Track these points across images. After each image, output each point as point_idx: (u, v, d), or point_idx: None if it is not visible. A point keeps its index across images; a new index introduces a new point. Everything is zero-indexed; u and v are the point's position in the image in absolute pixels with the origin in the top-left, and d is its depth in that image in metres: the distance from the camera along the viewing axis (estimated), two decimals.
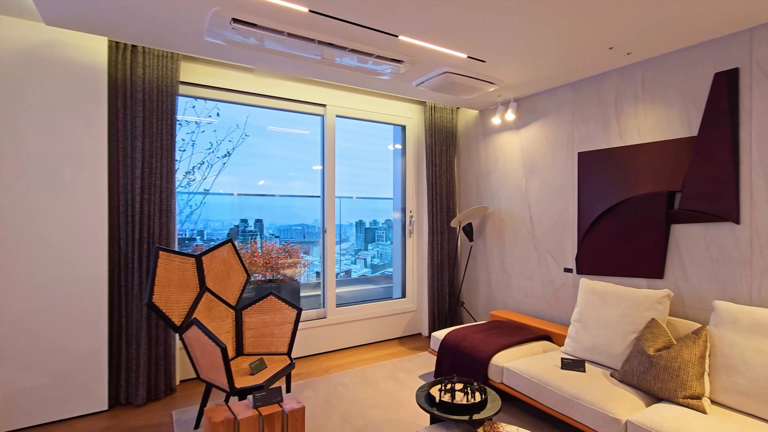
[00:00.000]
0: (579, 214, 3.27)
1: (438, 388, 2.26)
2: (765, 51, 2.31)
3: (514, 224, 3.87)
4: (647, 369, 2.19)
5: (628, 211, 2.93)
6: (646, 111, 2.85)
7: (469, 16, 2.28)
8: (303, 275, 4.66)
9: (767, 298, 2.29)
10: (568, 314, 3.39)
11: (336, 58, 2.78)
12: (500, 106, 3.86)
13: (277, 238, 4.63)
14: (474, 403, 2.05)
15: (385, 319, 4.27)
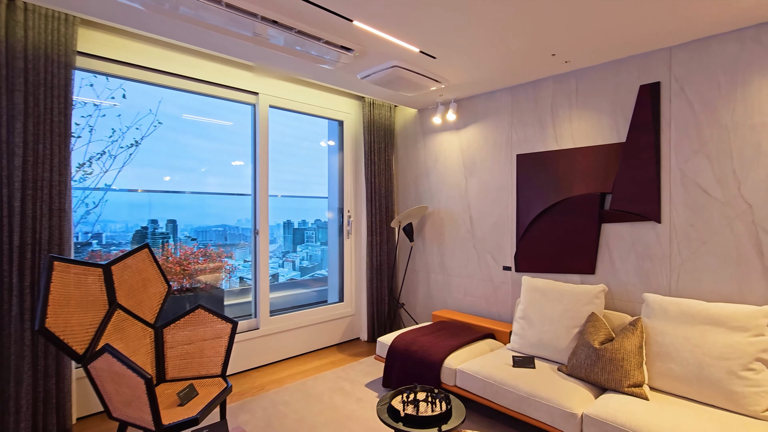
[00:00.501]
0: (518, 214, 3.39)
1: (400, 399, 2.12)
2: (681, 68, 2.58)
3: (453, 224, 3.90)
4: (594, 362, 2.30)
5: (564, 211, 3.09)
6: (580, 117, 3.04)
7: (430, 10, 2.17)
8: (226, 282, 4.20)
9: (684, 289, 2.57)
10: (507, 311, 3.49)
11: (278, 40, 2.48)
12: (440, 106, 3.86)
13: (194, 240, 4.10)
14: (440, 413, 1.95)
15: (322, 325, 4.02)
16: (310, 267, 5.60)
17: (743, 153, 2.36)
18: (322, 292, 4.72)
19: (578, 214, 3.01)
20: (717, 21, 2.29)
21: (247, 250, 4.59)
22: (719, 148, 2.44)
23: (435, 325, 3.36)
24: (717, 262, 2.44)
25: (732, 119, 2.39)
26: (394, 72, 2.99)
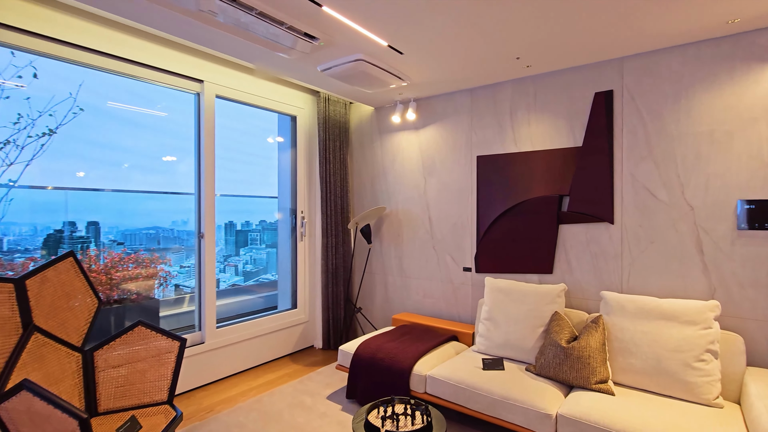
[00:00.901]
0: (478, 215, 3.41)
1: (376, 414, 1.99)
2: (632, 78, 2.74)
3: (412, 225, 3.84)
4: (563, 360, 2.34)
5: (523, 212, 3.16)
6: (538, 121, 3.12)
7: (405, 3, 2.06)
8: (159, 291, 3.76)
9: (634, 286, 2.73)
10: (467, 312, 3.50)
11: (232, 19, 2.22)
12: (399, 104, 3.78)
13: (121, 245, 3.62)
14: (422, 427, 1.84)
15: (274, 335, 3.74)
16: (254, 271, 5.24)
17: (686, 159, 2.56)
18: (269, 298, 4.42)
19: (537, 216, 3.09)
20: (663, 36, 2.46)
21: (183, 255, 4.16)
22: (665, 155, 2.62)
23: (398, 329, 3.26)
24: (663, 260, 2.63)
25: (677, 128, 2.59)
26: (358, 66, 2.84)
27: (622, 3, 2.10)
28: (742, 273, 2.40)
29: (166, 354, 2.16)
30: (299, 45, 2.52)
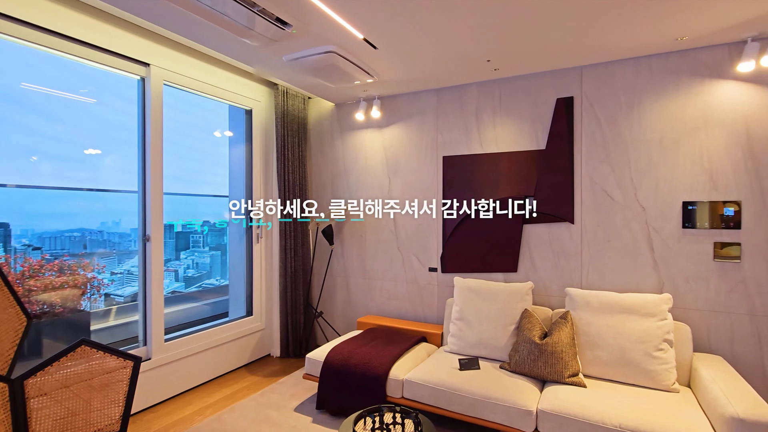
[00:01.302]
0: (443, 216, 3.42)
1: (363, 425, 1.88)
2: (590, 86, 2.91)
3: (376, 225, 3.76)
4: (537, 356, 2.41)
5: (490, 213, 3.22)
6: (503, 124, 3.20)
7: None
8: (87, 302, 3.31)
9: (593, 282, 2.90)
10: (433, 312, 3.50)
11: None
12: (363, 101, 3.68)
13: (37, 250, 3.15)
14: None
15: (228, 345, 3.45)
16: (196, 277, 4.84)
17: (639, 164, 2.77)
18: (216, 306, 4.09)
19: (503, 216, 3.17)
20: (619, 49, 2.64)
21: (114, 260, 3.72)
22: (620, 159, 2.82)
23: (367, 333, 3.17)
24: (619, 257, 2.82)
25: (630, 134, 2.79)
26: (329, 58, 2.70)
27: (584, 16, 2.21)
28: (686, 268, 2.64)
29: (117, 376, 1.87)
30: (270, 31, 2.32)
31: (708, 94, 2.59)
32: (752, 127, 2.48)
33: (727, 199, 2.54)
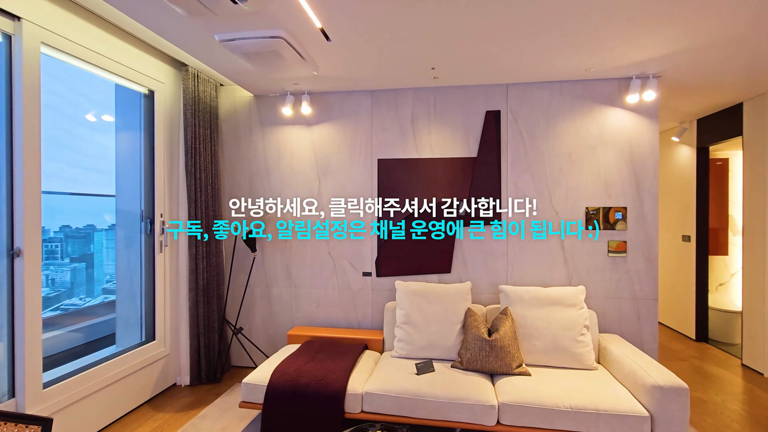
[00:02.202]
0: (379, 219, 3.38)
1: None
2: (514, 102, 3.23)
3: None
4: (488, 352, 2.56)
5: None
6: (438, 131, 3.33)
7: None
8: None
9: (516, 279, 3.22)
10: (367, 317, 3.43)
11: None
12: (290, 95, 3.40)
13: None
14: None
15: (125, 381, 2.80)
16: (52, 296, 3.85)
17: (553, 174, 3.18)
18: (99, 328, 3.30)
19: (438, 220, 3.29)
20: (538, 73, 2.99)
21: None
22: (538, 169, 3.20)
23: (306, 347, 2.92)
24: (537, 256, 3.20)
25: (546, 148, 3.19)
26: (275, 44, 2.41)
27: (513, 44, 2.48)
28: (588, 263, 3.14)
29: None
30: (218, 3, 1.95)
31: (604, 118, 3.12)
32: (635, 147, 3.08)
33: (617, 206, 3.10)
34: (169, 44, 2.85)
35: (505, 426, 2.26)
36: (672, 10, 2.09)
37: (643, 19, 2.20)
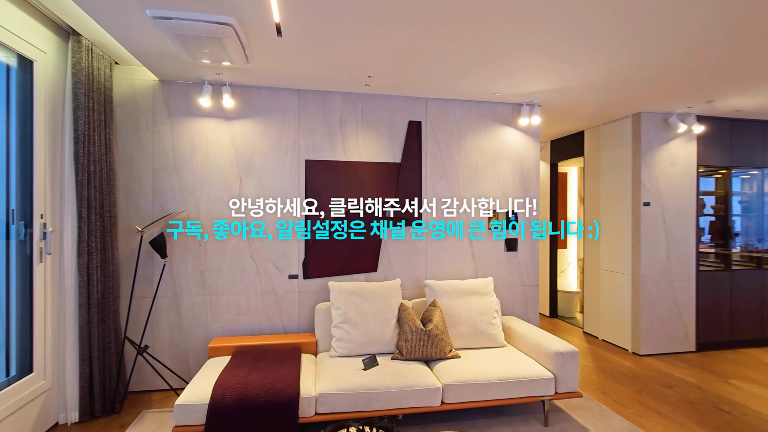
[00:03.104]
0: (307, 220, 3.35)
1: None
2: (433, 115, 3.59)
3: (222, 232, 3.24)
4: (426, 341, 2.82)
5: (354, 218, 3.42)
6: (365, 136, 3.47)
7: None
8: None
9: (434, 274, 3.58)
10: (293, 321, 3.36)
11: None
12: (208, 85, 3.11)
13: None
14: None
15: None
16: None
17: (464, 181, 3.64)
18: None
19: (365, 221, 3.43)
20: (452, 92, 3.41)
21: None
22: (452, 176, 3.62)
23: (239, 358, 2.73)
24: (450, 252, 3.61)
25: (459, 158, 3.63)
26: (221, 31, 2.23)
27: (434, 66, 2.82)
28: (490, 258, 3.69)
29: None
30: None
31: (503, 136, 3.72)
32: (523, 161, 3.76)
33: (511, 209, 3.73)
34: (59, 2, 2.33)
35: (448, 404, 2.54)
36: (548, 63, 2.67)
37: (531, 65, 2.75)
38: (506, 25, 2.22)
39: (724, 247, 4.41)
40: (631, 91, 3.41)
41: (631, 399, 3.11)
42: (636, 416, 2.84)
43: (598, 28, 2.26)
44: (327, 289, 3.38)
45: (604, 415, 2.84)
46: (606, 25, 2.24)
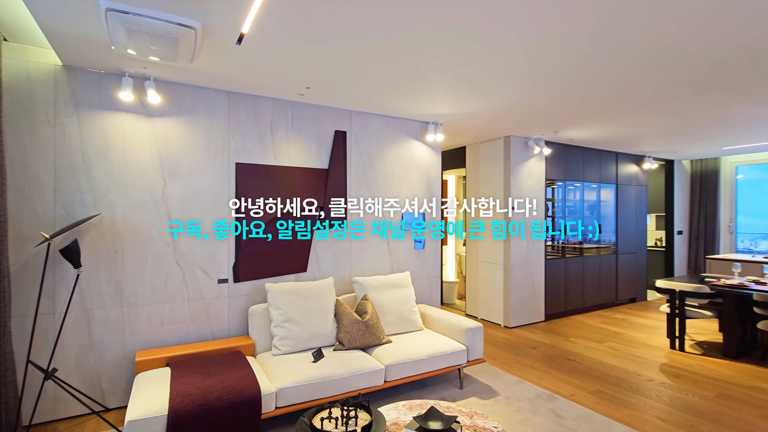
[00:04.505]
0: (238, 223, 3.35)
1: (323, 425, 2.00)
2: (356, 126, 3.94)
3: (142, 237, 3.01)
4: (365, 332, 3.16)
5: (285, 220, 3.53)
6: (295, 142, 3.62)
7: None
8: None
9: (357, 271, 3.93)
10: (223, 326, 3.31)
11: None
12: (128, 77, 2.87)
13: None
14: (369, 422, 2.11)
15: None
16: None
17: (383, 187, 4.08)
18: None
19: (297, 224, 3.58)
20: (374, 107, 3.85)
21: None
22: (373, 182, 4.03)
23: (183, 366, 2.63)
24: (371, 252, 4.02)
25: (379, 166, 4.06)
26: (182, 33, 2.20)
27: (358, 85, 3.18)
28: (403, 255, 4.22)
29: None
30: None
31: (414, 148, 4.29)
32: (429, 172, 4.40)
33: (420, 212, 4.33)
34: None
35: (390, 381, 2.95)
36: (453, 95, 3.34)
37: (440, 95, 3.38)
38: (425, 64, 2.72)
39: (561, 241, 5.86)
40: (506, 121, 4.34)
41: (512, 360, 4.00)
42: (518, 372, 3.70)
43: (492, 78, 2.95)
44: (258, 291, 3.43)
45: (498, 374, 3.62)
46: (497, 76, 2.93)
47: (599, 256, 6.20)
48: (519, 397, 3.15)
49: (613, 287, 6.39)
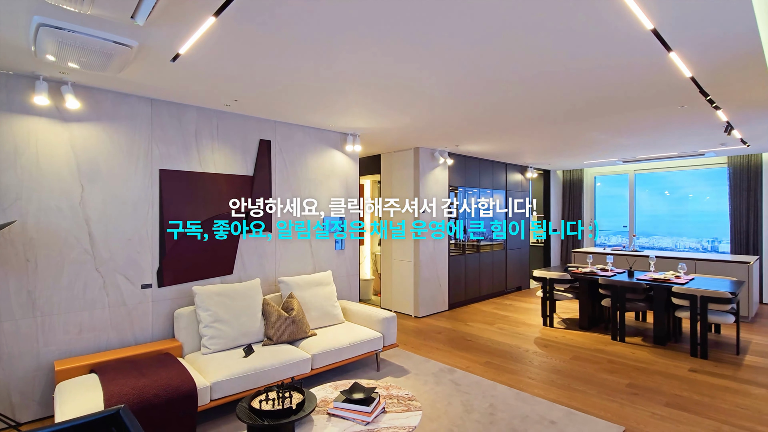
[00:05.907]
0: (162, 229, 3.40)
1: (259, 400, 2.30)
2: (281, 136, 4.19)
3: (58, 245, 2.94)
4: (291, 327, 3.46)
5: (212, 226, 3.66)
6: (220, 150, 3.76)
7: None
8: None
9: (282, 272, 4.19)
10: (146, 331, 3.34)
11: None
12: (43, 81, 2.80)
13: None
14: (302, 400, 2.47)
15: None
16: None
17: (305, 193, 4.39)
18: None
19: (222, 228, 3.73)
20: (297, 118, 4.16)
21: None
22: (297, 189, 4.32)
23: (111, 371, 2.67)
24: (294, 253, 4.31)
25: (302, 174, 4.36)
26: (117, 50, 2.31)
27: (282, 97, 3.50)
28: (324, 255, 4.58)
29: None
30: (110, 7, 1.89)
31: (334, 157, 4.67)
32: (348, 179, 4.81)
33: (339, 214, 4.73)
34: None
35: (317, 369, 3.30)
36: (370, 113, 3.85)
37: (359, 111, 3.85)
38: (347, 86, 3.15)
39: (462, 239, 6.72)
40: (417, 135, 4.96)
41: (421, 344, 4.61)
42: (426, 353, 4.31)
43: (404, 98, 3.49)
44: (183, 295, 3.52)
45: (409, 356, 4.18)
46: (409, 97, 3.48)
47: (492, 252, 7.22)
48: (426, 373, 3.73)
49: (503, 278, 7.48)
